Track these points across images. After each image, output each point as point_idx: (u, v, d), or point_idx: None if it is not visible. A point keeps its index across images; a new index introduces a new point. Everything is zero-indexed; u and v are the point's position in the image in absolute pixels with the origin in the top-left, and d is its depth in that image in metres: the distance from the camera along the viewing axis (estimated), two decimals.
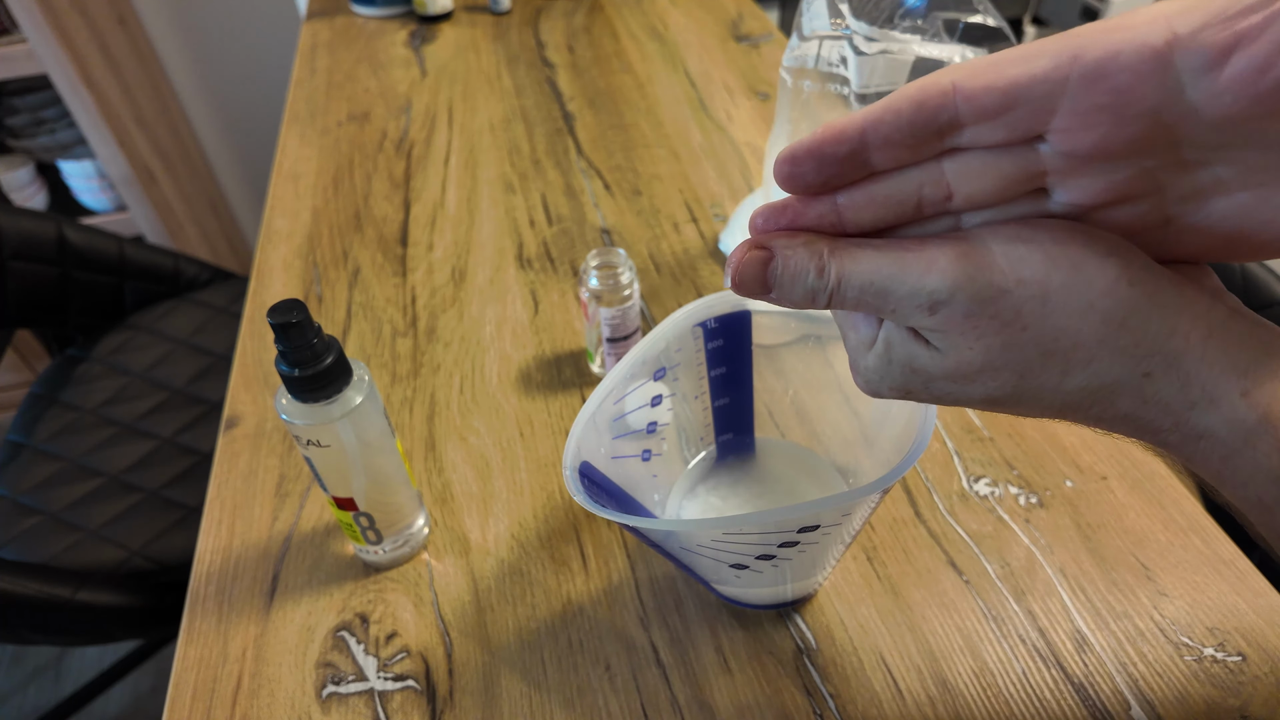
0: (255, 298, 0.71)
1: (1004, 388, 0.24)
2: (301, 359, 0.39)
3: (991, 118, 0.22)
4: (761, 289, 0.25)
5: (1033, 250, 0.23)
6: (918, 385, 0.26)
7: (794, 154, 0.24)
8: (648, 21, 1.12)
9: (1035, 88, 0.21)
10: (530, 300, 0.68)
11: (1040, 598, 0.46)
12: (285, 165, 0.87)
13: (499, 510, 0.53)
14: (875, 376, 0.27)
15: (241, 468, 0.56)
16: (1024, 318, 0.22)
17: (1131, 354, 0.22)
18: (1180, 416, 0.23)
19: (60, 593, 0.72)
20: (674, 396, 0.46)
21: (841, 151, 0.23)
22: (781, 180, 0.24)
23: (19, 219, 0.96)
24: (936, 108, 0.22)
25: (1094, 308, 0.22)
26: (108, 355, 1.01)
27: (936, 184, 0.24)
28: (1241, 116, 0.20)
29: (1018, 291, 0.22)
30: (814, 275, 0.24)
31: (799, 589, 0.44)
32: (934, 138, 0.23)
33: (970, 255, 0.23)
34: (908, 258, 0.23)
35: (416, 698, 0.44)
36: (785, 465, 0.51)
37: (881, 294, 0.24)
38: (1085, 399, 0.24)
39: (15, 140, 1.40)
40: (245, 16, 1.49)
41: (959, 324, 0.23)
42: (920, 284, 0.23)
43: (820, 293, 0.24)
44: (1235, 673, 0.42)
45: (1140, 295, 0.22)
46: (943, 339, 0.24)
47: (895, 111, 0.22)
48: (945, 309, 0.23)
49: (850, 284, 0.24)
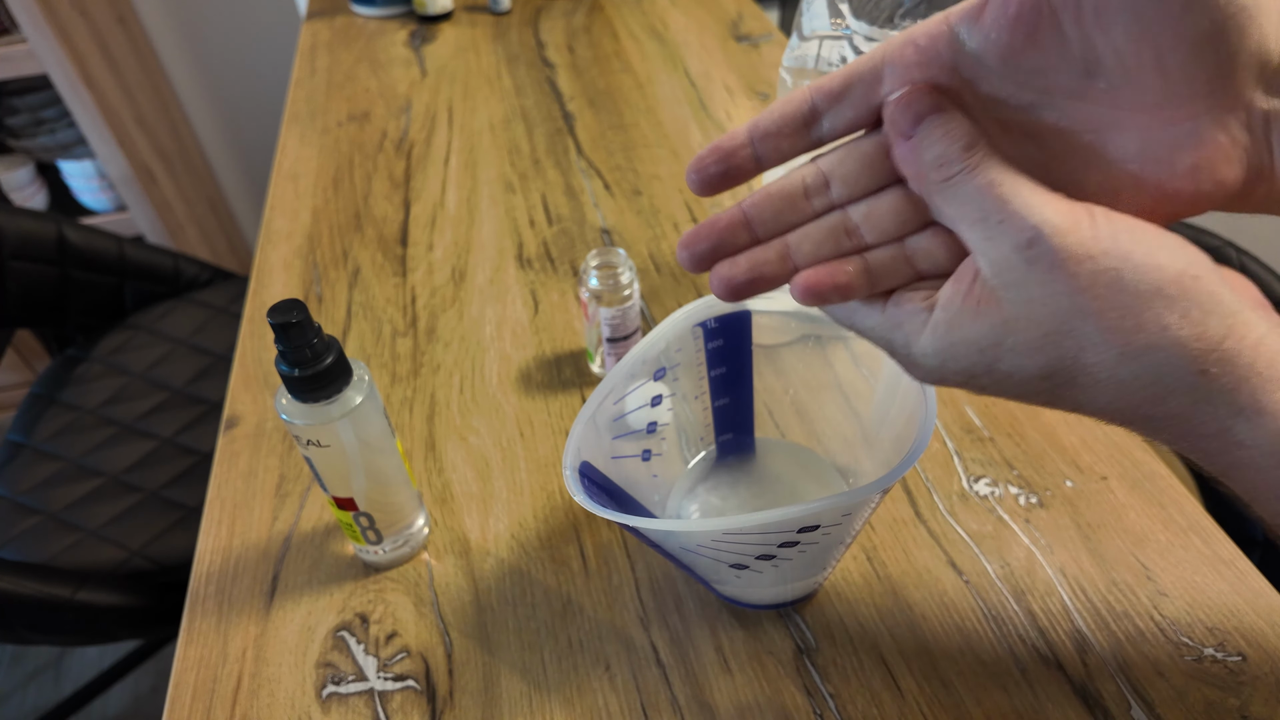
0: (255, 298, 0.71)
1: (1061, 363, 0.24)
2: (301, 359, 0.39)
3: (837, 99, 0.27)
4: (911, 123, 0.25)
5: (1125, 228, 0.23)
6: (981, 367, 0.26)
7: (699, 156, 0.28)
8: (648, 21, 1.12)
9: (863, 68, 0.26)
10: (530, 300, 0.68)
11: (1040, 598, 0.46)
12: (285, 165, 0.87)
13: (499, 510, 0.53)
14: (936, 362, 0.26)
15: (241, 468, 0.56)
16: (1098, 286, 0.23)
17: (1191, 348, 0.23)
18: (1225, 423, 0.23)
19: (60, 593, 0.72)
20: (674, 396, 0.46)
21: (734, 144, 0.28)
22: (693, 181, 0.28)
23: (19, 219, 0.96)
24: (800, 101, 0.27)
25: (1162, 292, 0.22)
26: (108, 355, 1.01)
27: (815, 173, 0.28)
28: (1010, 48, 0.23)
29: (1101, 259, 0.23)
30: (962, 145, 0.25)
31: (799, 589, 0.44)
32: (802, 127, 0.27)
33: (1078, 212, 0.23)
34: (1035, 186, 0.24)
35: (416, 698, 0.44)
36: (785, 465, 0.51)
37: (1002, 201, 0.24)
38: (1138, 392, 0.24)
39: (15, 140, 1.40)
40: (245, 16, 1.49)
41: (1041, 272, 0.23)
42: (1037, 210, 0.23)
43: (953, 163, 0.25)
44: (1235, 672, 0.42)
45: (1204, 290, 0.23)
46: (1019, 290, 0.24)
47: (770, 110, 0.27)
48: (1039, 247, 0.23)
49: (983, 174, 0.24)
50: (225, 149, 1.66)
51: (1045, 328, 0.24)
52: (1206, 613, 0.45)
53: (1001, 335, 0.25)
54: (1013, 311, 0.24)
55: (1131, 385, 0.24)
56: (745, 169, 0.28)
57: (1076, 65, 0.23)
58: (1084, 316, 0.23)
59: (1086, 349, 0.23)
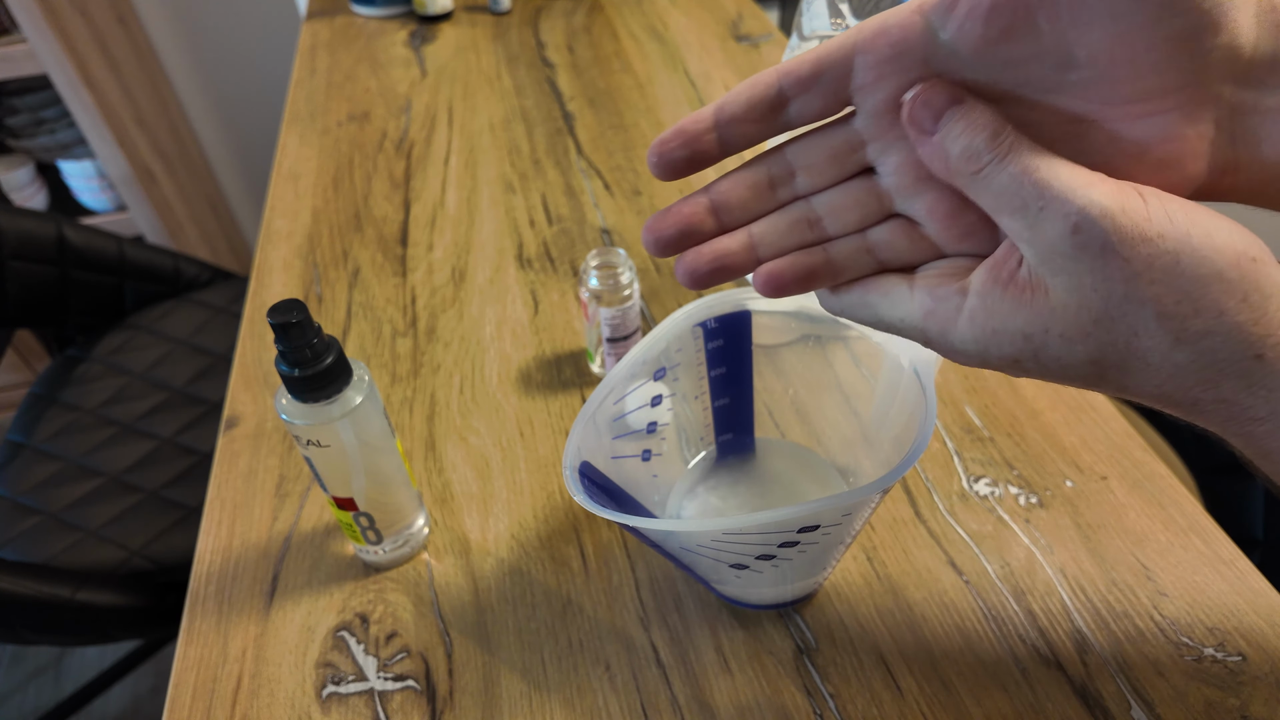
0: (255, 298, 0.71)
1: (1114, 349, 0.24)
2: (301, 359, 0.39)
3: (807, 87, 0.26)
4: (931, 120, 0.25)
5: (1178, 208, 0.23)
6: (1027, 355, 0.25)
7: (661, 138, 0.27)
8: (648, 21, 1.12)
9: (833, 55, 0.25)
10: (530, 300, 0.68)
11: (1040, 598, 0.46)
12: (285, 165, 0.87)
13: (499, 510, 0.53)
14: (976, 349, 0.26)
15: (241, 468, 0.56)
16: (1154, 271, 0.22)
17: (1249, 331, 0.22)
18: (1277, 407, 0.23)
19: (60, 593, 0.72)
20: (674, 396, 0.46)
21: (699, 128, 0.27)
22: (654, 164, 0.27)
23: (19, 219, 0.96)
24: (766, 86, 0.26)
25: (1222, 277, 0.22)
26: (108, 355, 1.01)
27: (780, 162, 0.28)
28: (984, 43, 0.23)
29: (1158, 243, 0.22)
30: (988, 136, 0.24)
31: (799, 589, 0.44)
32: (769, 112, 0.26)
33: (1128, 193, 0.23)
34: (1077, 169, 0.23)
35: (416, 698, 0.44)
36: (785, 465, 0.51)
37: (1039, 186, 0.23)
38: (1191, 376, 0.23)
39: (15, 140, 1.40)
40: (245, 16, 1.49)
41: (1092, 258, 0.22)
42: (1082, 193, 0.22)
43: (982, 155, 0.24)
44: (1235, 673, 0.42)
45: (1263, 273, 0.22)
46: (1068, 277, 0.23)
47: (736, 93, 0.27)
48: (1087, 233, 0.22)
49: (1016, 160, 0.23)
50: (225, 149, 1.66)
51: (1096, 313, 0.23)
52: (1206, 613, 0.45)
53: (1049, 322, 0.24)
54: (1062, 299, 0.23)
55: (1185, 369, 0.23)
56: (709, 153, 0.27)
57: (1051, 60, 0.23)
58: (1140, 303, 0.22)
59: (1140, 334, 0.23)
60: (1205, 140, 0.23)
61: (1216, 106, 0.23)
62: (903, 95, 0.25)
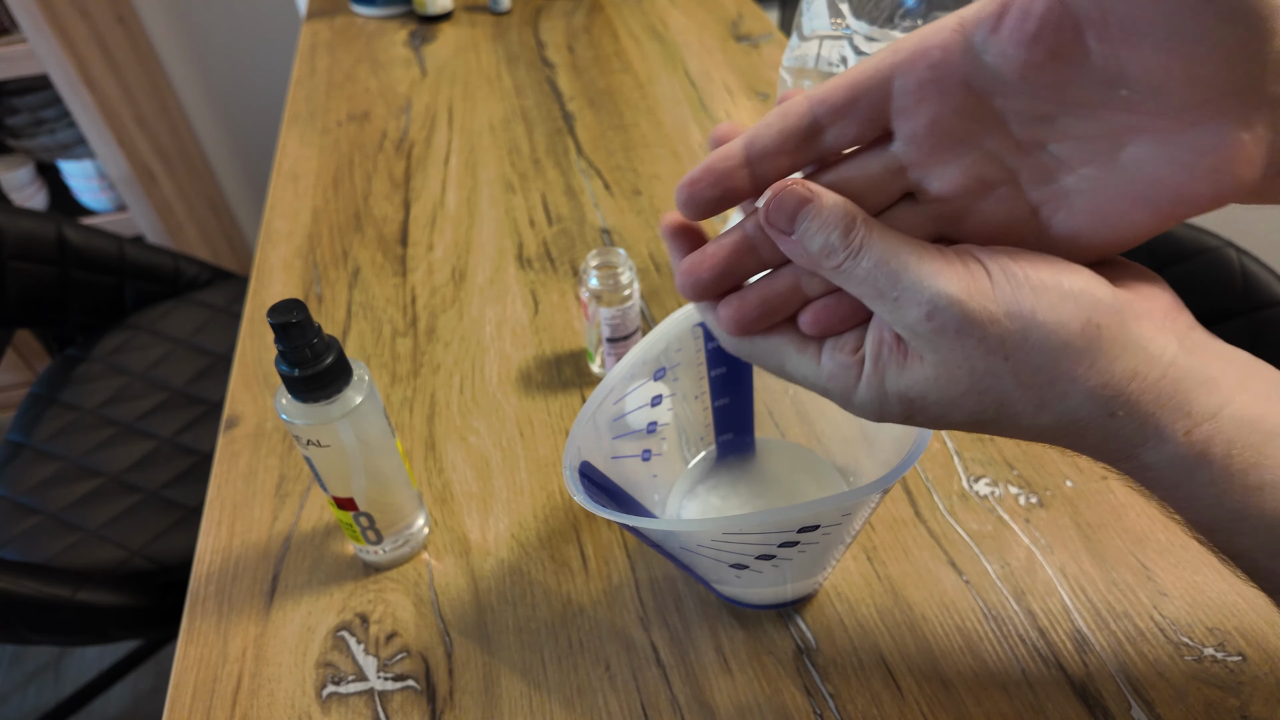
0: (255, 298, 0.71)
1: (986, 412, 0.25)
2: (301, 359, 0.39)
3: (843, 114, 0.25)
4: (787, 224, 0.25)
5: (1022, 285, 0.24)
6: (915, 412, 0.27)
7: (690, 177, 0.26)
8: (648, 21, 1.12)
9: (869, 79, 0.24)
10: (530, 300, 0.68)
11: (1040, 598, 0.46)
12: (285, 165, 0.87)
13: (499, 510, 0.53)
14: (874, 409, 0.27)
15: (241, 468, 0.56)
16: (1006, 348, 0.24)
17: (1100, 395, 0.24)
18: (1133, 451, 0.25)
19: (60, 593, 0.72)
20: (674, 396, 0.46)
21: (730, 165, 0.26)
22: (683, 204, 0.27)
23: (19, 219, 0.96)
24: (799, 115, 0.25)
25: (1069, 347, 0.23)
26: (108, 355, 1.01)
27: None
28: (1029, 65, 0.22)
29: (1005, 323, 0.23)
30: (841, 232, 0.25)
31: (799, 589, 0.44)
32: (803, 143, 0.25)
33: (975, 275, 0.24)
34: (926, 254, 0.24)
35: (416, 698, 0.44)
36: (785, 465, 0.51)
37: (894, 277, 0.24)
38: (1058, 433, 0.25)
39: (15, 140, 1.40)
40: (245, 16, 1.49)
41: (950, 339, 0.24)
42: (930, 281, 0.24)
43: (838, 252, 0.25)
44: (1235, 672, 0.42)
45: (1107, 338, 0.23)
46: (934, 353, 0.25)
47: (767, 125, 0.26)
48: (941, 318, 0.24)
49: (870, 254, 0.24)
50: (225, 149, 1.66)
51: (964, 385, 0.25)
52: (1206, 613, 0.45)
53: (925, 389, 0.25)
54: (934, 370, 0.25)
55: (1051, 428, 0.25)
56: (742, 190, 0.26)
57: (1099, 78, 0.22)
58: (999, 376, 0.24)
59: (1006, 402, 0.25)
60: (1262, 144, 0.23)
61: (1273, 109, 0.22)
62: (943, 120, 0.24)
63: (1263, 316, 0.68)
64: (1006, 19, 0.22)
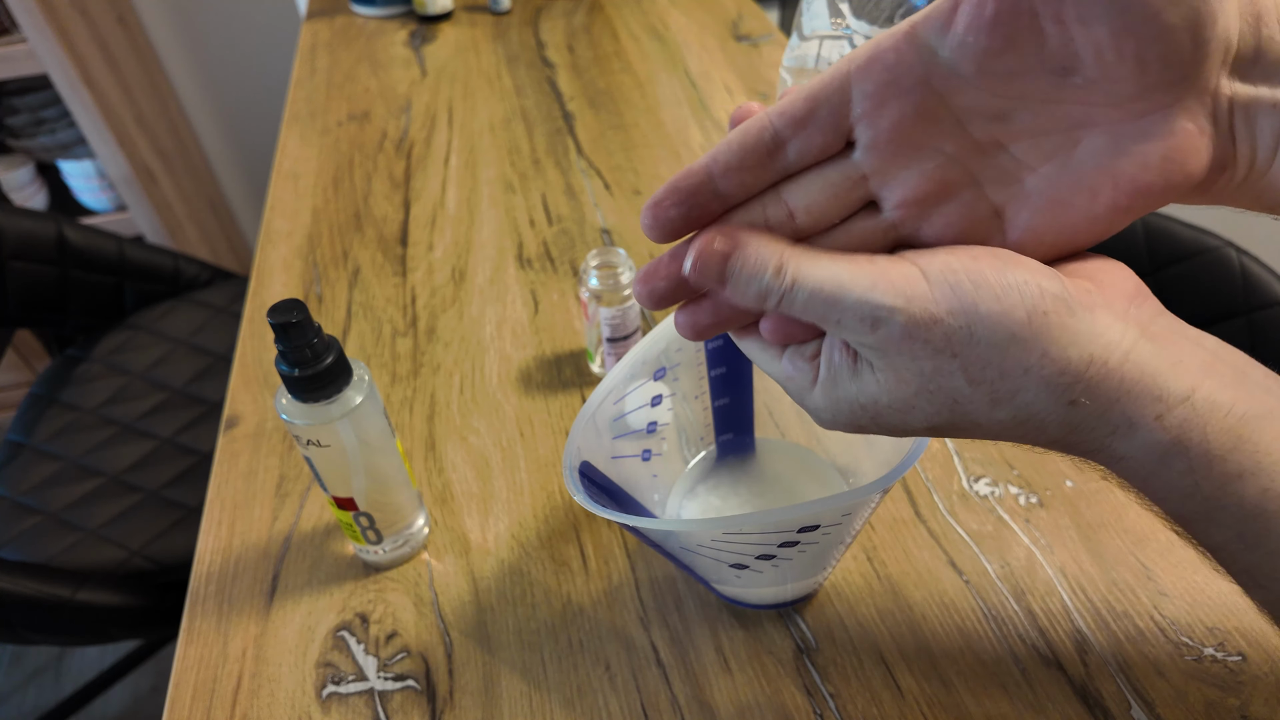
0: (255, 297, 0.71)
1: (941, 414, 0.25)
2: (301, 359, 0.39)
3: (803, 125, 0.25)
4: (718, 281, 0.26)
5: (962, 281, 0.24)
6: (867, 419, 0.27)
7: (654, 198, 0.26)
8: (648, 21, 1.12)
9: (828, 88, 0.25)
10: (530, 300, 0.68)
11: (1040, 598, 0.46)
12: (285, 165, 0.87)
13: (499, 510, 0.53)
14: (828, 415, 0.27)
15: (241, 468, 0.56)
16: (953, 345, 0.23)
17: (1056, 384, 0.23)
18: (1102, 442, 0.24)
19: (60, 593, 0.72)
20: (674, 396, 0.46)
21: (693, 183, 0.26)
22: (648, 227, 0.26)
23: (19, 219, 0.96)
24: (760, 130, 0.25)
25: (1016, 338, 0.23)
26: (108, 355, 1.01)
27: (778, 205, 0.26)
28: (987, 53, 0.23)
29: (948, 321, 0.23)
30: (770, 274, 0.25)
31: (799, 589, 0.44)
32: (765, 157, 0.25)
33: (911, 280, 0.24)
34: (859, 271, 0.24)
35: (416, 697, 0.44)
36: (785, 465, 0.51)
37: (830, 302, 0.24)
38: (1017, 428, 0.25)
39: (15, 140, 1.40)
40: (245, 16, 1.49)
41: (896, 344, 0.24)
42: (866, 297, 0.24)
43: (773, 292, 0.25)
44: (1235, 672, 0.42)
45: (1056, 325, 0.23)
46: (882, 359, 0.25)
47: (728, 143, 0.25)
48: (884, 328, 0.24)
49: (803, 287, 0.25)
50: (225, 149, 1.66)
51: (915, 388, 0.25)
52: (1206, 612, 0.45)
53: (877, 394, 0.25)
54: (884, 377, 0.25)
55: (1010, 424, 0.25)
56: (709, 209, 0.26)
57: (1053, 65, 0.23)
58: (949, 375, 0.24)
59: (960, 401, 0.24)
60: (1205, 135, 0.23)
61: (1214, 99, 0.23)
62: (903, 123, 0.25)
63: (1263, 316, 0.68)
64: (960, 10, 0.22)
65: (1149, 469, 0.24)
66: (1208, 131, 0.23)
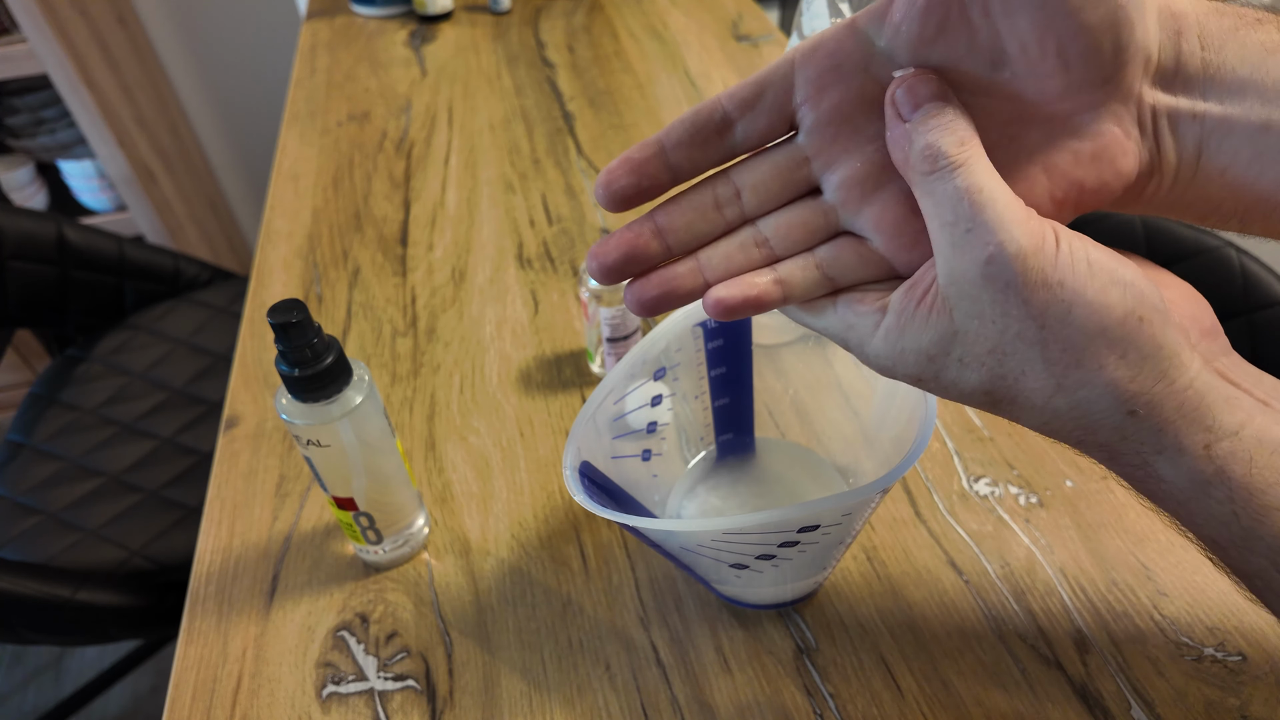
0: (255, 297, 0.71)
1: (1001, 382, 0.25)
2: (301, 359, 0.39)
3: (750, 107, 0.26)
4: (910, 108, 0.25)
5: (1087, 257, 0.23)
6: (928, 371, 0.26)
7: (607, 168, 0.27)
8: (648, 21, 1.12)
9: (773, 74, 0.26)
10: (530, 300, 0.68)
11: (1040, 597, 0.46)
12: (285, 165, 0.87)
13: (499, 510, 0.53)
14: (888, 363, 0.27)
15: (241, 468, 0.56)
16: (1047, 317, 0.23)
17: (1122, 390, 0.23)
18: (1148, 459, 0.24)
19: (60, 593, 0.72)
20: (674, 396, 0.46)
21: (645, 155, 0.27)
22: (601, 194, 0.27)
23: (19, 219, 0.96)
24: (710, 110, 0.26)
25: (1106, 333, 0.23)
26: (108, 355, 1.01)
27: (726, 184, 0.28)
28: (920, 42, 0.24)
29: (1056, 290, 0.23)
30: (955, 142, 0.24)
31: (799, 589, 0.44)
32: (714, 135, 0.27)
33: (1048, 234, 0.23)
34: (1011, 201, 0.23)
35: (416, 697, 0.44)
36: (785, 465, 0.51)
37: (974, 207, 0.23)
38: (1070, 421, 0.25)
39: (15, 140, 1.40)
40: (245, 16, 1.49)
41: (996, 290, 0.23)
42: (1005, 227, 0.23)
43: (940, 158, 0.24)
44: (1235, 672, 0.43)
45: (1146, 334, 0.23)
46: (971, 304, 0.24)
47: (680, 120, 0.27)
48: (997, 267, 0.23)
49: (966, 176, 0.23)
50: (225, 149, 1.66)
51: (991, 344, 0.24)
52: (1206, 612, 0.45)
53: (949, 346, 0.25)
54: (962, 324, 0.24)
55: (1064, 415, 0.25)
56: (659, 182, 0.27)
57: (984, 57, 0.24)
58: (1029, 344, 0.24)
59: (1027, 374, 0.24)
60: (1131, 139, 0.25)
61: (1139, 105, 0.24)
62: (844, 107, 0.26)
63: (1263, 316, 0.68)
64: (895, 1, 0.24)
65: (1187, 495, 0.24)
66: (1134, 135, 0.24)
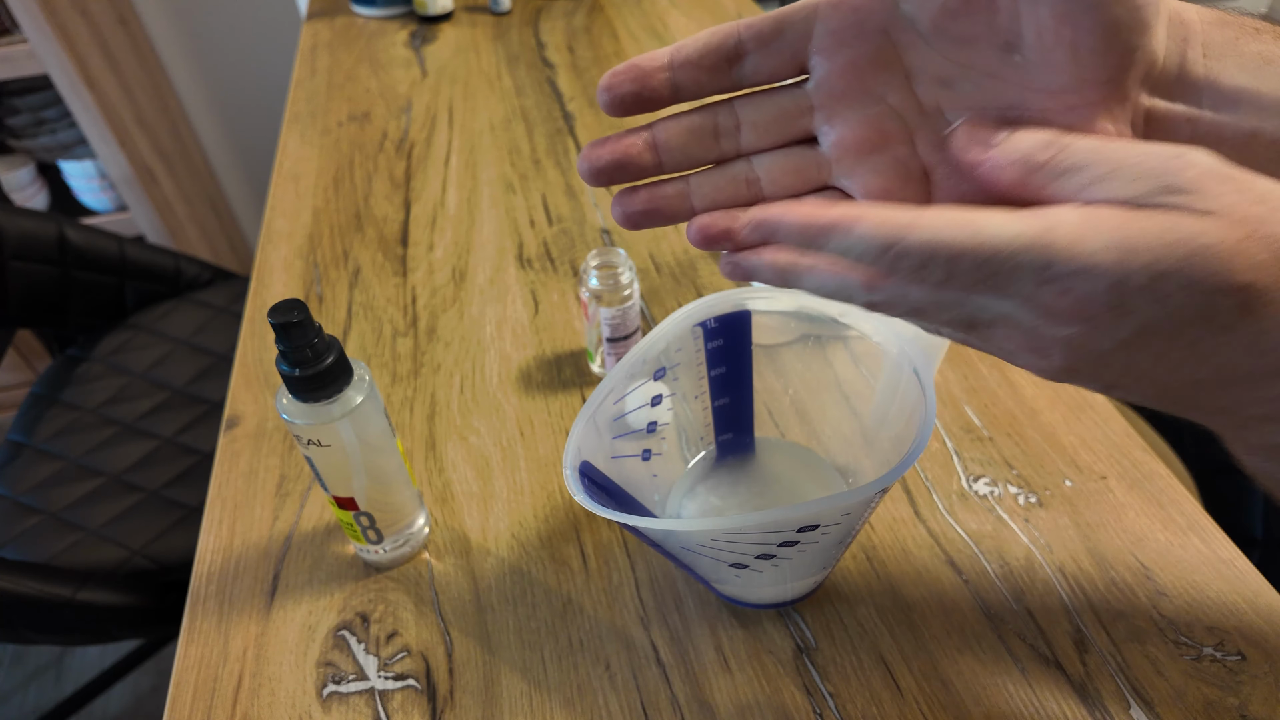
0: (256, 297, 0.71)
1: (1161, 362, 0.22)
2: (302, 359, 0.39)
3: (766, 43, 0.26)
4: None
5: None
6: (1118, 364, 0.23)
7: (613, 70, 0.27)
8: (648, 22, 1.12)
9: (795, 15, 0.26)
10: (530, 300, 0.68)
11: (1040, 597, 0.46)
12: (285, 165, 0.87)
13: (499, 510, 0.53)
14: (1086, 363, 0.23)
15: (242, 467, 0.57)
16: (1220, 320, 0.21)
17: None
18: None
19: (60, 592, 0.72)
20: (674, 396, 0.46)
21: (653, 66, 0.26)
22: (604, 98, 0.27)
23: (19, 219, 0.96)
24: (725, 35, 0.26)
25: None
26: (108, 355, 1.01)
27: (729, 114, 0.28)
28: (943, 14, 0.24)
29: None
30: (1044, 139, 0.23)
31: (799, 588, 0.44)
32: (723, 62, 0.26)
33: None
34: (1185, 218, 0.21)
35: (417, 697, 0.44)
36: (785, 465, 0.51)
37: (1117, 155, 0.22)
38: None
39: (16, 140, 1.40)
40: (245, 16, 1.49)
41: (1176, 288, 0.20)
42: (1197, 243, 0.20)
43: (1050, 147, 0.23)
44: (1234, 672, 0.43)
45: None
46: None
47: (695, 38, 0.27)
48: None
49: (1068, 158, 0.22)
50: (226, 149, 1.66)
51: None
52: (1206, 612, 0.45)
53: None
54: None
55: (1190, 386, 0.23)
56: (660, 95, 0.27)
57: (999, 39, 0.24)
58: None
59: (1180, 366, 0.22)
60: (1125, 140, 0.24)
61: (1134, 108, 0.24)
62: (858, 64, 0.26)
63: None
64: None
65: None
66: (1125, 136, 0.24)
